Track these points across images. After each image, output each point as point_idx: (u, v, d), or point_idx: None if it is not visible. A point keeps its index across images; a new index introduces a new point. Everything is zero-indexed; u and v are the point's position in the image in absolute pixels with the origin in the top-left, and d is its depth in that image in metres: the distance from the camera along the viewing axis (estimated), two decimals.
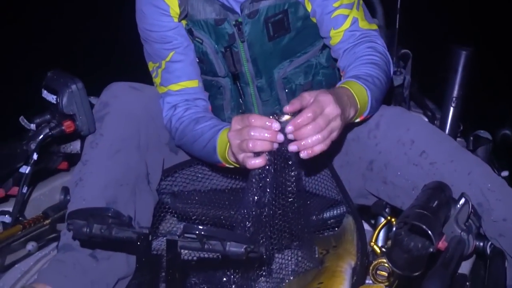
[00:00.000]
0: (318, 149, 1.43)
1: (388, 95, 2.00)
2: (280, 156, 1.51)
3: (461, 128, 2.43)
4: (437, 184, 1.56)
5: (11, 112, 2.06)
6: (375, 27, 1.98)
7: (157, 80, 2.00)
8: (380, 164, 1.74)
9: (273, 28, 1.93)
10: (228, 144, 1.64)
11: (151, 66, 2.03)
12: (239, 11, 1.91)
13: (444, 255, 1.37)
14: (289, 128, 1.43)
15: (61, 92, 1.78)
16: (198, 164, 1.95)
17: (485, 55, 2.88)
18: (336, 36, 1.91)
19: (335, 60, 1.96)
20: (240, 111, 2.05)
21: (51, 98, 1.81)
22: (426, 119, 2.67)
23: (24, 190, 1.78)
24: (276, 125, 1.46)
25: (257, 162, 1.50)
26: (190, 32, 1.98)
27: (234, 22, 1.91)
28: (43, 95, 1.85)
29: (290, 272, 1.75)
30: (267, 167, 1.51)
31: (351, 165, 1.81)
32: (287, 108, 1.49)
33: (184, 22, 1.98)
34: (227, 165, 1.78)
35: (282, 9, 1.90)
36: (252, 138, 1.47)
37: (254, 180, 1.54)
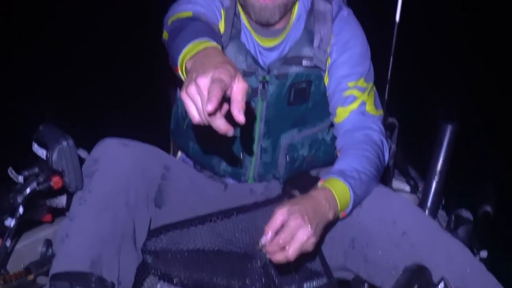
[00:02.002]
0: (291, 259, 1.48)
1: None
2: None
3: (443, 201, 2.45)
4: (417, 267, 1.59)
5: None
6: (380, 112, 2.02)
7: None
8: (362, 242, 1.74)
9: (294, 94, 1.98)
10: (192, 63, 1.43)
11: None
12: (266, 69, 1.94)
13: None
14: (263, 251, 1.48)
15: (52, 147, 1.74)
16: (184, 227, 1.93)
17: (469, 130, 2.92)
18: (341, 114, 1.95)
19: (335, 136, 2.00)
20: (237, 165, 2.06)
21: (41, 152, 1.78)
22: (409, 188, 2.74)
23: (8, 243, 1.75)
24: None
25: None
26: None
27: (261, 79, 1.95)
28: (33, 149, 1.81)
29: None
30: None
31: (334, 241, 1.80)
32: (269, 247, 1.49)
33: None
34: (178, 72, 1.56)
35: (308, 78, 1.96)
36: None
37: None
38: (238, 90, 1.28)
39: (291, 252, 1.43)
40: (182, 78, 1.53)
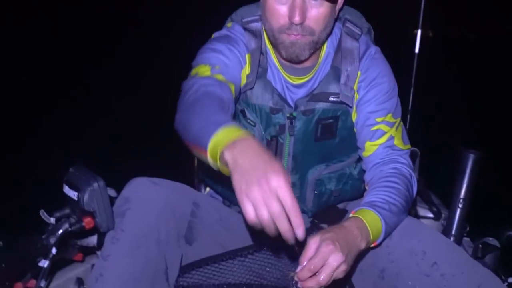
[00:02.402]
0: None
1: None
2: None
3: (467, 228, 2.44)
4: None
5: (31, 204, 2.05)
6: (408, 147, 2.01)
7: (201, 69, 1.85)
8: (392, 273, 1.73)
9: (321, 130, 1.97)
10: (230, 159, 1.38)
11: (199, 66, 1.89)
12: (293, 105, 1.94)
13: None
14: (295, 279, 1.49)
15: (83, 189, 1.74)
16: (215, 262, 1.92)
17: (491, 158, 2.93)
18: (370, 148, 1.96)
19: (363, 170, 1.99)
20: None
21: (72, 194, 1.77)
22: (432, 215, 2.73)
23: (42, 284, 1.73)
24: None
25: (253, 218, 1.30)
26: (243, 112, 1.98)
27: (288, 115, 1.94)
28: (64, 190, 1.81)
29: None
30: None
31: (363, 272, 1.79)
32: (301, 277, 1.49)
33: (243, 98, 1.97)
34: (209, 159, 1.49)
35: (335, 114, 1.96)
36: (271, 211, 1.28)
37: None
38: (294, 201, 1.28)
39: (323, 277, 1.42)
40: (210, 162, 1.48)
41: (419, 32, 3.03)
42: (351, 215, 1.68)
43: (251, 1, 2.05)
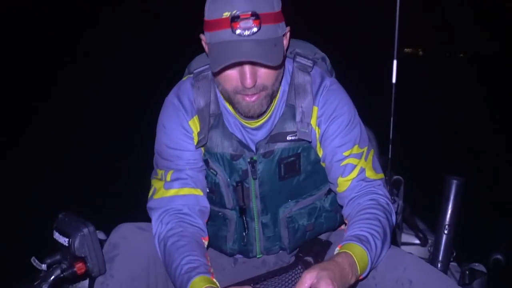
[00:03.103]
0: None
1: None
2: None
3: (454, 254, 2.49)
4: None
5: (21, 252, 2.07)
6: (381, 176, 2.01)
7: (159, 184, 1.99)
8: None
9: (284, 169, 1.97)
10: None
11: (159, 172, 2.02)
12: (254, 149, 1.95)
13: None
14: None
15: (73, 235, 1.76)
16: None
17: (476, 183, 2.99)
18: (343, 184, 1.94)
19: (339, 205, 1.99)
20: (242, 243, 2.05)
21: (63, 240, 1.78)
22: (418, 241, 2.78)
23: None
24: None
25: None
26: (206, 162, 1.99)
27: (249, 160, 1.95)
28: (54, 237, 1.82)
29: None
30: None
31: None
32: None
33: (202, 149, 2.00)
34: None
35: (295, 152, 1.95)
36: None
37: None
38: None
39: None
40: None
41: (395, 62, 3.05)
42: (338, 249, 1.70)
43: None
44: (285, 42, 1.88)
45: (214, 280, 1.72)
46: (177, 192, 1.96)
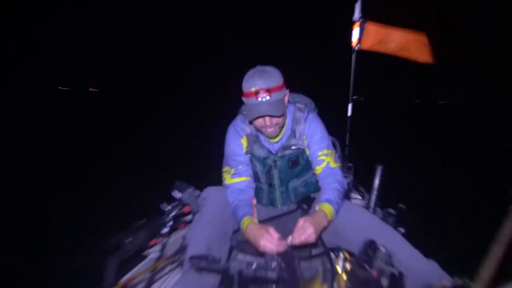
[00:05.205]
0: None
1: None
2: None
3: (380, 204, 3.25)
4: (370, 241, 2.21)
5: (156, 201, 2.72)
6: (339, 165, 2.70)
7: (228, 175, 2.69)
8: (340, 231, 2.46)
9: (291, 163, 2.73)
10: (247, 230, 2.30)
11: (226, 168, 2.74)
12: (275, 153, 2.69)
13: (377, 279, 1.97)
14: (289, 244, 2.19)
15: (183, 192, 2.56)
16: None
17: (391, 169, 3.64)
18: (318, 169, 2.72)
19: (317, 180, 2.73)
20: (270, 200, 2.84)
21: (178, 195, 2.57)
22: (360, 197, 3.55)
23: (164, 240, 2.50)
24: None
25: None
26: (251, 161, 2.76)
27: (273, 159, 2.71)
28: (172, 193, 2.59)
29: None
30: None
31: (326, 233, 2.53)
32: (294, 240, 2.19)
33: (250, 155, 2.72)
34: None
35: (297, 154, 2.73)
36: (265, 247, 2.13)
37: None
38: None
39: (303, 238, 2.20)
40: (242, 230, 2.35)
41: (350, 105, 3.83)
42: (317, 207, 2.42)
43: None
44: (286, 99, 2.59)
45: (255, 219, 2.49)
46: (238, 179, 2.73)
